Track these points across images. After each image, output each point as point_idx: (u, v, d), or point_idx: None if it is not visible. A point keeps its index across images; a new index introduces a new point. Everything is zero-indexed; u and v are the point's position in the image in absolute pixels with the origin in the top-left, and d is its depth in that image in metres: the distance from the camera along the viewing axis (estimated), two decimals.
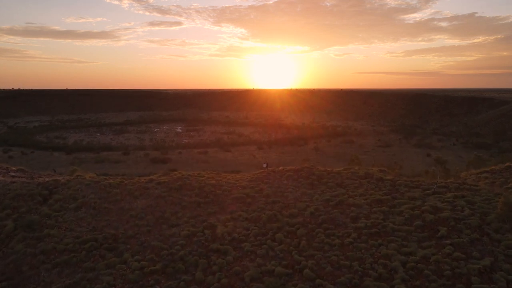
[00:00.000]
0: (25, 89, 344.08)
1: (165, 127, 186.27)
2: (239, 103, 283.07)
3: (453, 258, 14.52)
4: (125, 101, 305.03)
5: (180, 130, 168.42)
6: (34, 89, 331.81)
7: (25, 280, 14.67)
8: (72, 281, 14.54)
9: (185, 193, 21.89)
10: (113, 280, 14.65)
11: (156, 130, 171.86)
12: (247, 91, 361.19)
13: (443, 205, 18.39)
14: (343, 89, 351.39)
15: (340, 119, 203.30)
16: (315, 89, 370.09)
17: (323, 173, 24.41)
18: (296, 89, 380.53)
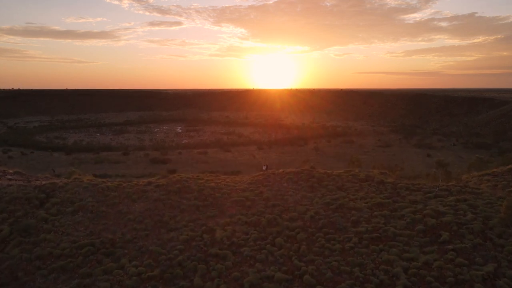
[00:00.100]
0: (25, 89, 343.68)
1: (165, 127, 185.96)
2: (239, 103, 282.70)
3: (455, 264, 14.28)
4: (125, 101, 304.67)
5: (180, 130, 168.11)
6: (34, 89, 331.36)
7: (20, 287, 14.42)
8: (69, 287, 14.29)
9: (184, 196, 21.64)
10: (110, 286, 14.40)
11: (156, 130, 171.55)
12: (247, 91, 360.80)
13: (445, 209, 18.14)
14: (343, 89, 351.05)
15: (340, 119, 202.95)
16: (315, 89, 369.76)
17: (323, 175, 24.15)
18: (296, 89, 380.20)
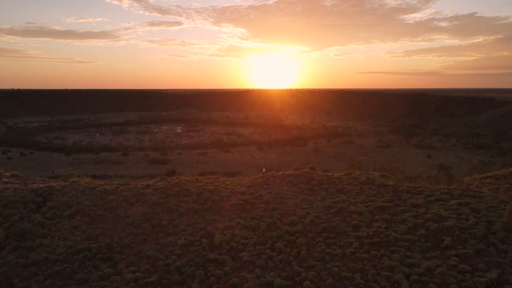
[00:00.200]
0: (25, 89, 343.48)
1: (164, 127, 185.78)
2: (239, 103, 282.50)
3: (458, 270, 14.03)
4: (125, 101, 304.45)
5: (180, 131, 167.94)
6: (34, 89, 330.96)
7: None
8: None
9: (182, 199, 21.39)
10: None
11: (155, 130, 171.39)
12: (247, 91, 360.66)
13: (447, 213, 17.90)
14: (343, 89, 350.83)
15: (340, 119, 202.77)
16: (315, 89, 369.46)
17: (323, 178, 23.90)
18: (296, 89, 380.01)
